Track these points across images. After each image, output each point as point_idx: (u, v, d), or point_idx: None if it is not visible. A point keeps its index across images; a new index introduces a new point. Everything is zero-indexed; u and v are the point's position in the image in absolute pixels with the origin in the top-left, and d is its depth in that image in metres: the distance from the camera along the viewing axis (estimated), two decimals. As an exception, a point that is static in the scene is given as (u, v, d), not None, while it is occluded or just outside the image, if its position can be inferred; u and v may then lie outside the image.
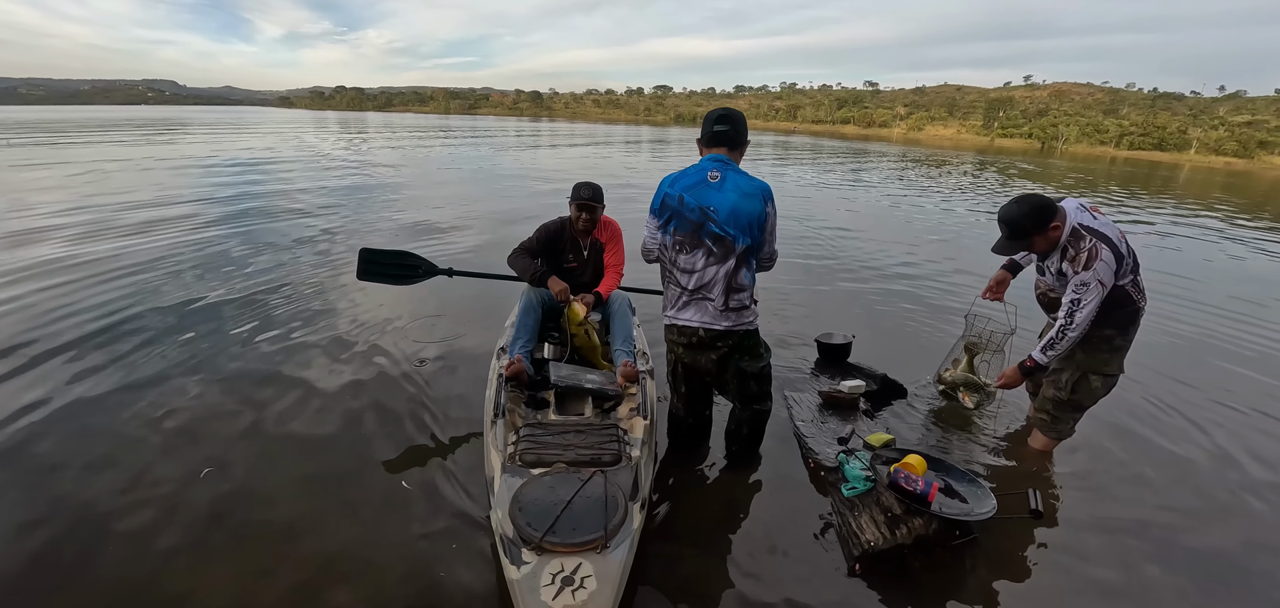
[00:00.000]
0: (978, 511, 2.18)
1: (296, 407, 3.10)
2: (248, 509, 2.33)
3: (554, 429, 2.27)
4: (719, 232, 2.31)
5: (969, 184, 16.73)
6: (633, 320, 3.16)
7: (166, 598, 1.94)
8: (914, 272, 6.49)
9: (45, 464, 2.56)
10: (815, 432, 2.91)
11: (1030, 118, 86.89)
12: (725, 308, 2.39)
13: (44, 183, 10.67)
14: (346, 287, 5.01)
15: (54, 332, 3.90)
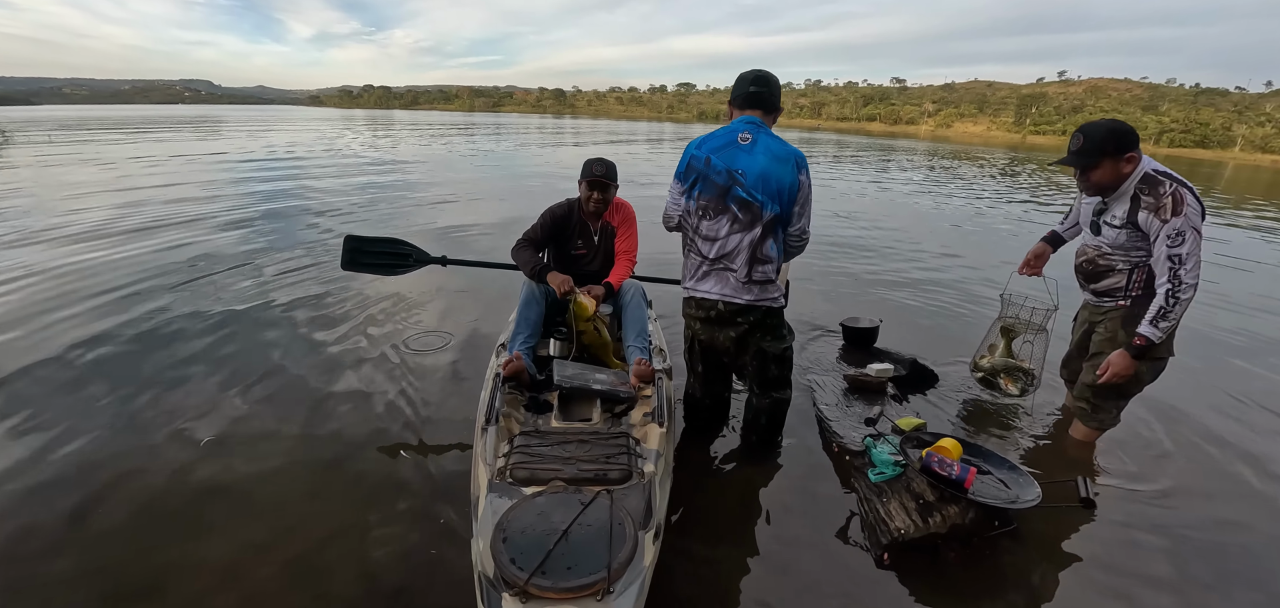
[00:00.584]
0: (1023, 498, 2.00)
1: (261, 405, 2.84)
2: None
3: (552, 439, 1.92)
4: (746, 196, 2.15)
5: (1005, 182, 16.19)
6: (648, 313, 2.79)
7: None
8: (945, 262, 6.23)
9: (50, 427, 2.54)
10: (840, 415, 2.74)
11: (1064, 114, 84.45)
12: (748, 280, 2.23)
13: (97, 174, 10.91)
14: (342, 279, 4.95)
15: (81, 302, 3.92)
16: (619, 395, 2.28)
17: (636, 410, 2.22)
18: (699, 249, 2.29)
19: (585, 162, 2.80)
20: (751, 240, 2.19)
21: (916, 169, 17.93)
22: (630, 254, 2.88)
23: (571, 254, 2.88)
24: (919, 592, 1.86)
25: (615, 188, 2.82)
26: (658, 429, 2.00)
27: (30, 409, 2.69)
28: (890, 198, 11.28)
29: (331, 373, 3.17)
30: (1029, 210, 10.39)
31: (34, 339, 3.39)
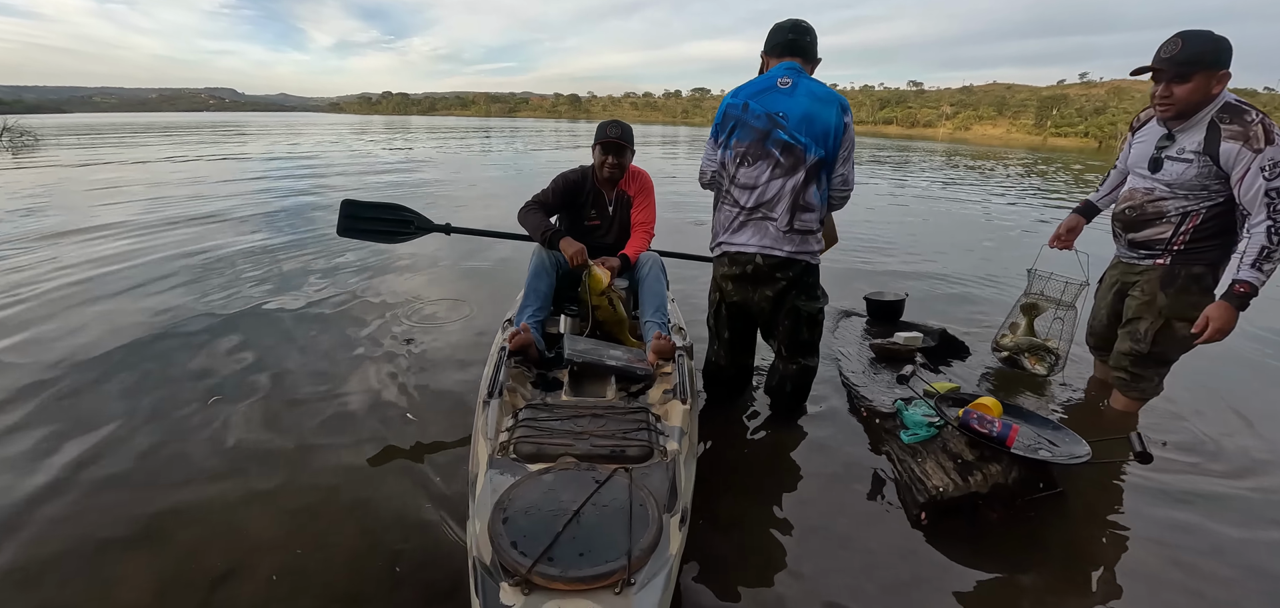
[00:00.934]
0: (1072, 454, 1.86)
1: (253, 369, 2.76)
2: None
3: (563, 412, 1.70)
4: (788, 139, 2.04)
5: (1032, 181, 15.87)
6: (667, 288, 2.54)
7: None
8: (966, 255, 6.04)
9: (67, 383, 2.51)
10: (867, 382, 2.61)
11: (1086, 116, 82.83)
12: (789, 229, 2.11)
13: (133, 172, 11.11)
14: (344, 257, 4.91)
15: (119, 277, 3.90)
16: (636, 373, 2.04)
17: (655, 389, 1.99)
18: (735, 198, 2.17)
19: (599, 125, 2.61)
20: (794, 186, 2.07)
21: (935, 170, 17.64)
22: (648, 226, 2.66)
23: (584, 225, 2.65)
24: (958, 553, 1.73)
25: (632, 153, 2.61)
26: (680, 406, 1.77)
27: (54, 401, 2.66)
28: (908, 194, 11.07)
29: (326, 355, 2.97)
30: (1048, 209, 10.12)
31: (61, 330, 3.30)
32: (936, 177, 14.38)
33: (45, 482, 1.93)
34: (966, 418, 1.91)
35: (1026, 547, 1.78)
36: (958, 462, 1.88)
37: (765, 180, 2.10)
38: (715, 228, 2.29)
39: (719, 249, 2.27)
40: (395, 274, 4.37)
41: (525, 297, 2.36)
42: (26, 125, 21.88)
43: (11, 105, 40.64)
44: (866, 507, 1.96)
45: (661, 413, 1.79)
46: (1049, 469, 1.91)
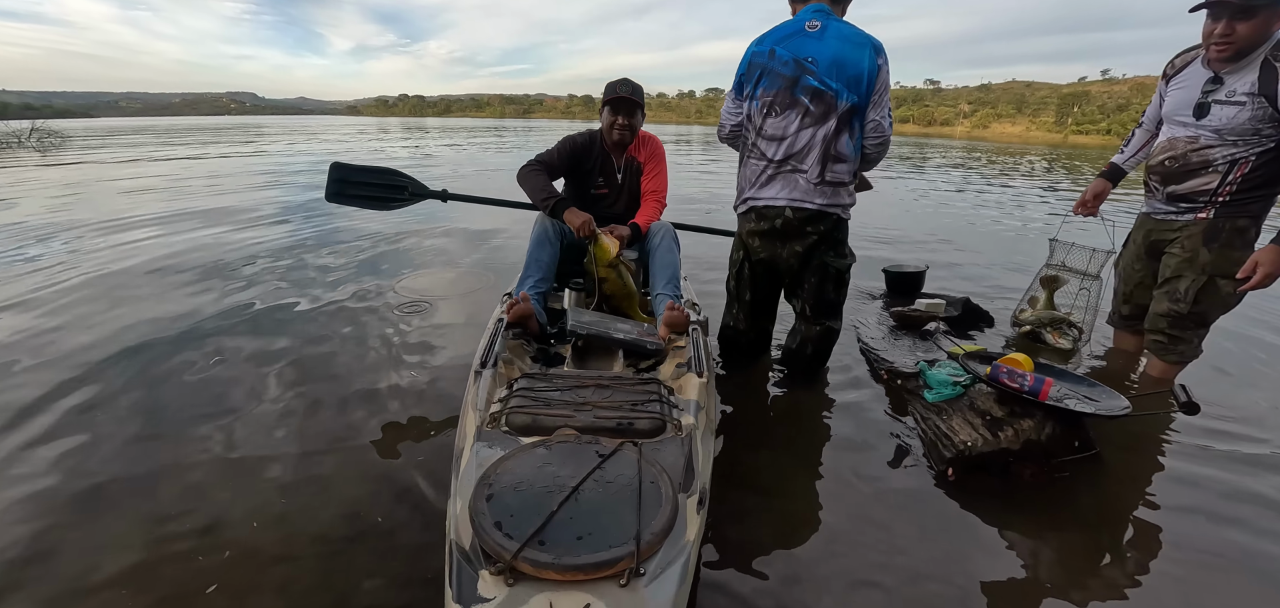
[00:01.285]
0: (1112, 406, 1.75)
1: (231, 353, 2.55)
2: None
3: (564, 383, 1.50)
4: (819, 85, 1.94)
5: (1056, 176, 15.56)
6: (679, 259, 2.34)
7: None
8: (985, 247, 5.88)
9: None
10: (887, 346, 2.52)
11: (1108, 113, 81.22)
12: (821, 180, 2.01)
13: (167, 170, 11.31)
14: (344, 229, 4.88)
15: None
16: (646, 347, 1.85)
17: (667, 364, 1.79)
18: (762, 152, 2.07)
19: (608, 82, 2.37)
20: (825, 135, 1.97)
21: (955, 166, 17.39)
22: (659, 194, 2.47)
23: (591, 193, 2.46)
24: (988, 510, 1.63)
25: (643, 115, 2.42)
26: (696, 379, 1.56)
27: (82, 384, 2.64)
28: (926, 187, 10.87)
29: (326, 334, 2.77)
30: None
31: (89, 321, 3.26)
32: (961, 173, 14.13)
33: (51, 424, 1.91)
34: (996, 372, 1.82)
35: (1062, 504, 1.68)
36: (986, 419, 1.79)
37: (795, 130, 2.00)
38: (740, 184, 2.20)
39: (745, 205, 2.17)
40: (405, 258, 4.30)
41: (526, 267, 2.19)
42: (56, 128, 22.44)
43: (41, 110, 41.72)
44: (892, 465, 1.86)
45: (675, 387, 1.59)
46: (1085, 427, 1.80)
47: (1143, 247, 2.36)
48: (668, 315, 1.89)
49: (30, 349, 2.53)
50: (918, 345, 2.50)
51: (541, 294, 2.13)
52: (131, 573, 1.37)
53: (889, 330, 2.71)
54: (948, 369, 2.05)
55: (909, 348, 2.48)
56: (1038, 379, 1.76)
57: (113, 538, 1.48)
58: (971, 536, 1.56)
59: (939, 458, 1.78)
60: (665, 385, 1.52)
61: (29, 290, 3.29)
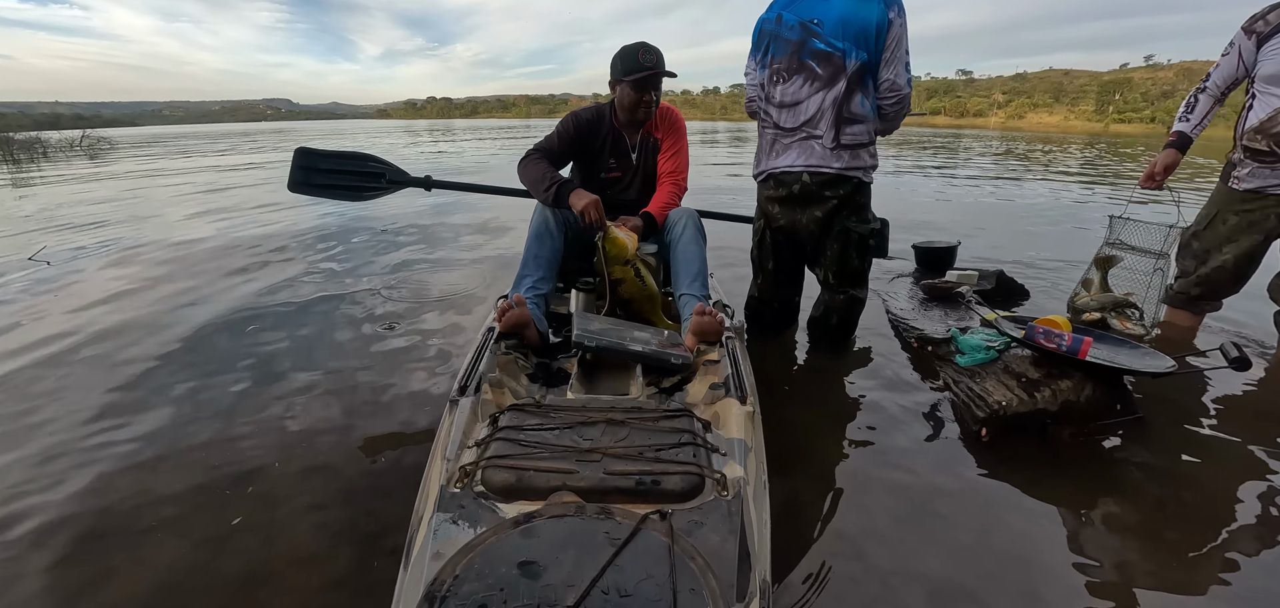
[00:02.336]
0: (1155, 365, 1.68)
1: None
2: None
3: (563, 418, 1.11)
4: (825, 47, 1.91)
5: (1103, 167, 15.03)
6: (705, 252, 1.92)
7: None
8: (1031, 239, 5.68)
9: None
10: (917, 316, 2.45)
11: (1152, 101, 78.17)
12: (836, 144, 1.97)
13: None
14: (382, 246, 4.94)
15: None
16: (670, 362, 1.47)
17: (697, 384, 1.40)
18: (774, 120, 2.07)
19: (622, 49, 1.93)
20: (835, 98, 1.93)
21: (989, 157, 16.93)
22: (678, 175, 2.08)
23: (602, 178, 2.11)
24: (1024, 471, 1.57)
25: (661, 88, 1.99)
26: (739, 408, 1.17)
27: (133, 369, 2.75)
28: (958, 176, 10.60)
29: (324, 341, 2.45)
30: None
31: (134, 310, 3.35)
32: (1001, 166, 13.75)
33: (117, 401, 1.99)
34: (1031, 333, 1.76)
35: (1102, 468, 1.60)
36: (1022, 380, 1.73)
37: (805, 97, 1.97)
38: (758, 152, 2.18)
39: (763, 173, 2.16)
40: (423, 262, 4.07)
41: (523, 263, 1.83)
42: (104, 135, 23.50)
43: (91, 120, 43.78)
44: (924, 427, 1.80)
45: (710, 417, 1.21)
46: (1127, 390, 1.73)
47: (1251, 224, 2.16)
48: (696, 322, 1.52)
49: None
50: (949, 314, 2.44)
51: (542, 297, 1.78)
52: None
53: (919, 303, 2.64)
54: (981, 335, 1.99)
55: (940, 317, 2.42)
56: (1076, 339, 1.69)
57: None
58: (1007, 499, 1.50)
59: (972, 419, 1.73)
60: (698, 418, 1.13)
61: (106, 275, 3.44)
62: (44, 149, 15.55)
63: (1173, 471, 1.60)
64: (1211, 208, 2.28)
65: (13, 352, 2.36)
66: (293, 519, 1.41)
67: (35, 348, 2.39)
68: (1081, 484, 1.53)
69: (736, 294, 2.60)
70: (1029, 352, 1.80)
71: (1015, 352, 1.85)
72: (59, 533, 1.36)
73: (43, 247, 4.13)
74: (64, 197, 7.01)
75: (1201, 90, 2.21)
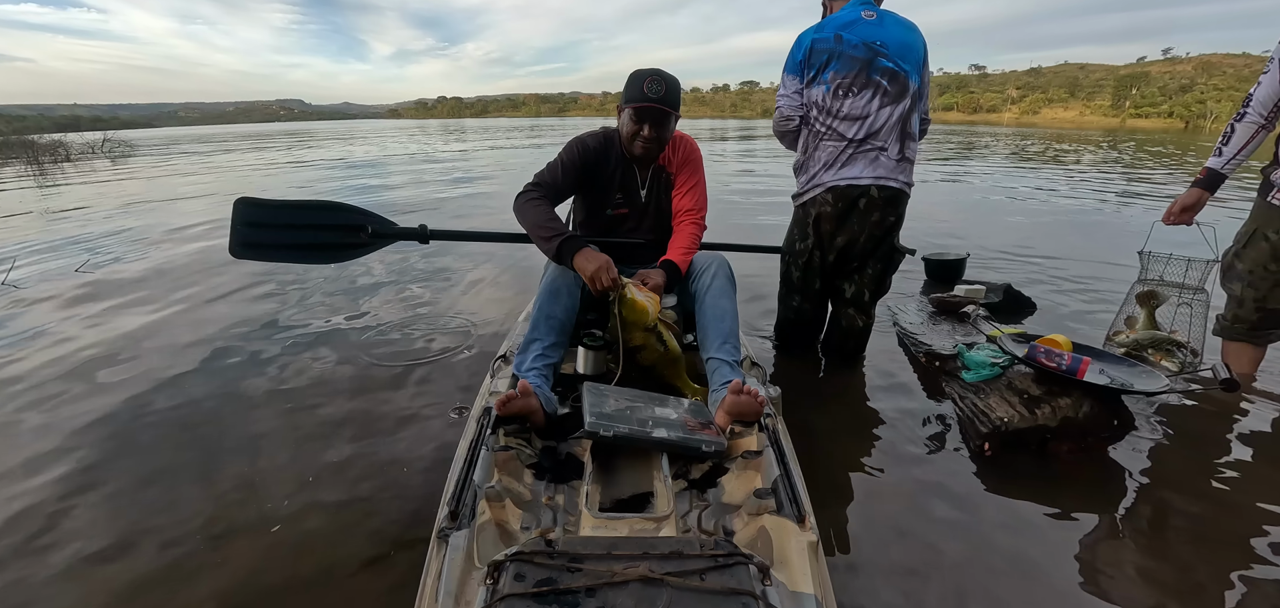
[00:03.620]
0: (1150, 385, 1.78)
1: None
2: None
3: (582, 570, 0.84)
4: (893, 66, 2.04)
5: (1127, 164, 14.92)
6: (736, 305, 1.70)
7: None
8: (1052, 244, 5.73)
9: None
10: (926, 331, 2.56)
11: (1170, 95, 77.00)
12: (901, 157, 2.10)
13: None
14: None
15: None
16: (701, 450, 1.27)
17: (735, 479, 1.21)
18: (838, 132, 2.08)
19: (632, 74, 1.73)
20: (902, 114, 2.07)
21: (1005, 155, 16.83)
22: (698, 213, 1.90)
23: (608, 215, 1.92)
24: (1024, 486, 1.69)
25: (676, 119, 1.79)
26: (797, 533, 0.96)
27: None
28: (967, 175, 10.61)
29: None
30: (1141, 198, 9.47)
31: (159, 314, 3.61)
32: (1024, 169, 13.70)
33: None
34: (1033, 352, 1.87)
35: (1100, 480, 1.72)
36: (1024, 397, 1.84)
37: (875, 109, 2.05)
38: (808, 166, 2.17)
39: (817, 187, 2.14)
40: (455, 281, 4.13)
41: (532, 325, 1.59)
42: (123, 138, 24.03)
43: (109, 122, 44.57)
44: (931, 442, 1.92)
45: (756, 535, 1.02)
46: (1125, 406, 1.84)
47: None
48: (731, 402, 1.33)
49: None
50: (956, 330, 2.55)
51: (551, 365, 1.55)
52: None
53: (928, 316, 2.75)
54: (986, 351, 2.10)
55: (948, 332, 2.52)
56: (1075, 358, 1.80)
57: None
58: (1008, 512, 1.61)
59: (975, 434, 1.84)
60: (756, 563, 0.86)
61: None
62: (67, 153, 15.95)
63: (1168, 486, 1.70)
64: (1251, 224, 2.13)
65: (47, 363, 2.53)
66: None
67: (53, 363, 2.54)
68: (1080, 499, 1.64)
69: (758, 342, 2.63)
70: (1031, 369, 1.91)
71: (1018, 368, 1.96)
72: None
73: (86, 260, 4.33)
74: (92, 197, 7.24)
75: (1240, 118, 2.00)
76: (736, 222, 5.61)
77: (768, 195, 7.53)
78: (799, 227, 2.27)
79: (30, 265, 4.18)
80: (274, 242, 1.94)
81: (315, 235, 1.99)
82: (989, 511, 1.61)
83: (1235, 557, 1.44)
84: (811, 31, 2.11)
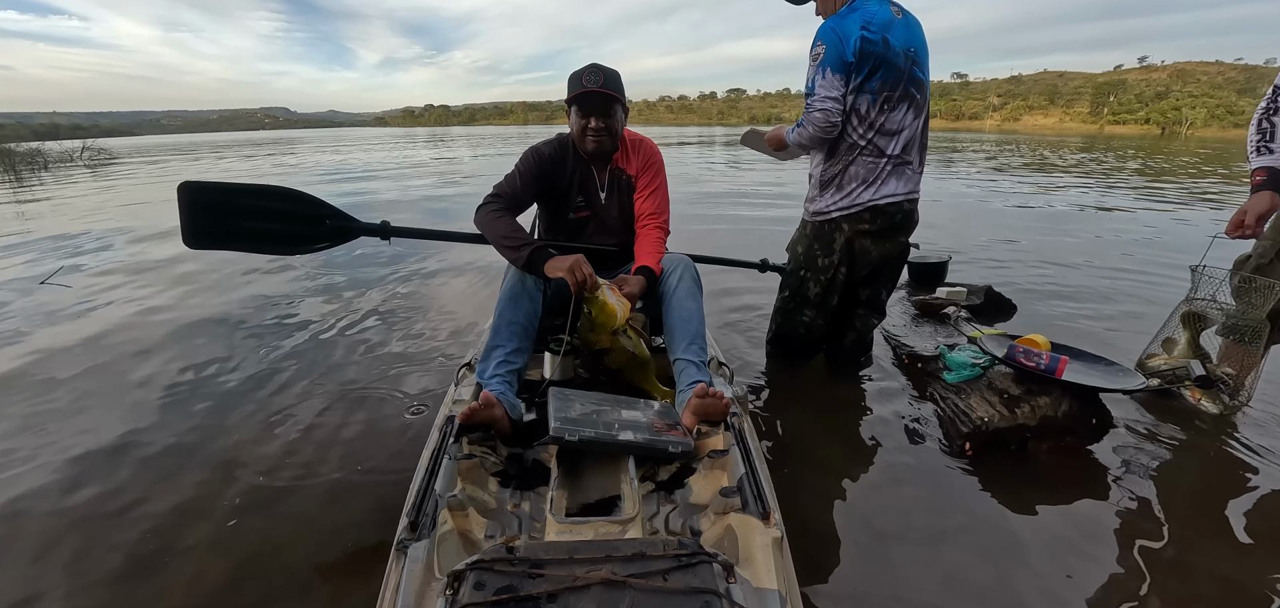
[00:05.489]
0: (1126, 383, 1.79)
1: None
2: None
3: (545, 575, 0.82)
4: (922, 75, 1.99)
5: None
6: (702, 307, 1.69)
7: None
8: (1050, 254, 5.77)
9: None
10: (909, 333, 2.56)
11: (1147, 102, 78.72)
12: (920, 167, 2.09)
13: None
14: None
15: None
16: (667, 451, 1.25)
17: (702, 479, 1.20)
18: (879, 147, 1.96)
19: (572, 74, 1.74)
20: (923, 122, 2.04)
21: (991, 161, 17.07)
22: (661, 216, 1.87)
23: (570, 218, 1.89)
24: (1004, 484, 1.68)
25: (624, 111, 1.80)
26: (761, 530, 0.96)
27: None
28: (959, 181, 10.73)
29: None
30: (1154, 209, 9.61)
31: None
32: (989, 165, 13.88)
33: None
34: (1012, 352, 1.87)
35: (1078, 477, 1.72)
36: (1003, 396, 1.83)
37: (909, 121, 1.98)
38: (843, 183, 2.03)
39: (857, 207, 2.03)
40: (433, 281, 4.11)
41: (494, 331, 1.56)
42: (104, 146, 23.69)
43: (89, 129, 43.97)
44: (914, 443, 1.91)
45: (723, 533, 1.01)
46: (1103, 405, 1.84)
47: None
48: (697, 404, 1.34)
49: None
50: (939, 331, 2.55)
51: (515, 371, 1.53)
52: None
53: (911, 319, 2.75)
54: (968, 352, 2.10)
55: (930, 334, 2.53)
56: (1053, 358, 1.80)
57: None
58: (988, 511, 1.60)
59: (956, 434, 1.83)
60: (720, 561, 0.85)
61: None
62: (45, 161, 15.67)
63: (1147, 484, 1.70)
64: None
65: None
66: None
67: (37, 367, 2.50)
68: (1059, 497, 1.64)
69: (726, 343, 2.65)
70: (1011, 369, 1.91)
71: (999, 369, 1.96)
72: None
73: (59, 267, 4.23)
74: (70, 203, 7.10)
75: (1272, 112, 1.83)
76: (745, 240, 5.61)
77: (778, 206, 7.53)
78: (821, 243, 2.12)
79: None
80: (229, 229, 1.81)
81: (273, 223, 1.87)
82: (969, 509, 1.60)
83: (1212, 554, 1.44)
84: (854, 24, 1.84)
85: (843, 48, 1.85)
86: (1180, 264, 4.15)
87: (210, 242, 1.77)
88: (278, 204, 1.87)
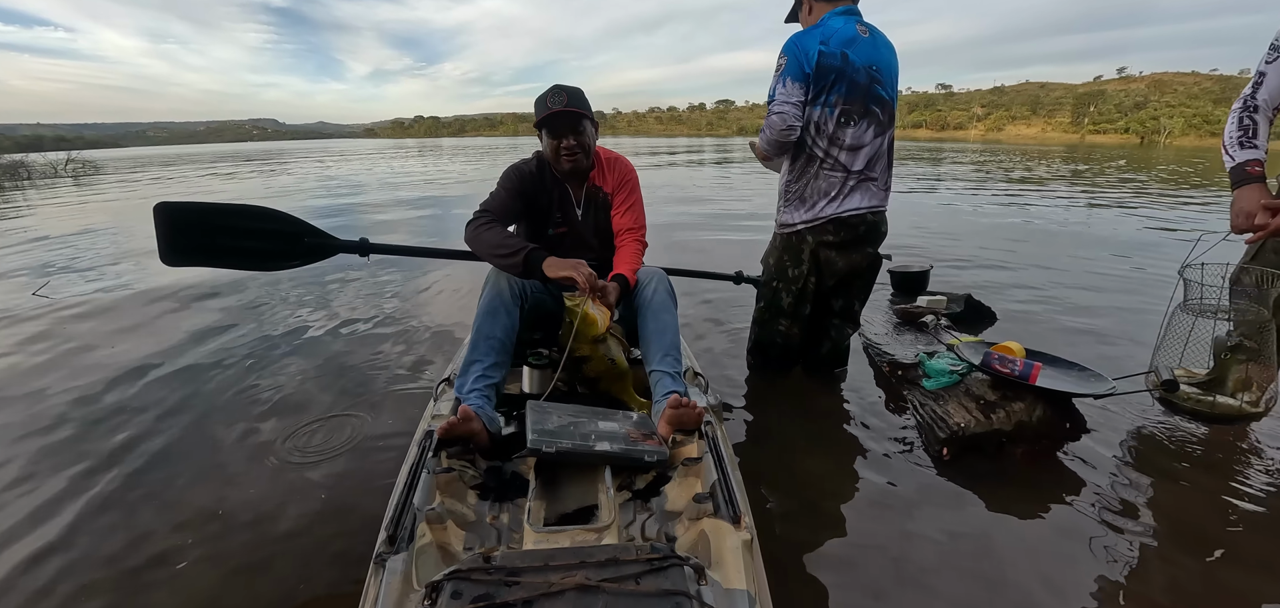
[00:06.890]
0: (1096, 387, 1.83)
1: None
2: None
3: (521, 583, 0.84)
4: (885, 94, 2.04)
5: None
6: (677, 318, 1.72)
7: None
8: (1029, 257, 5.87)
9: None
10: (889, 342, 2.60)
11: (1125, 111, 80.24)
12: (886, 185, 2.14)
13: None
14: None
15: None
16: (643, 460, 1.27)
17: (676, 487, 1.23)
18: (840, 163, 2.03)
19: (537, 98, 1.79)
20: (889, 141, 2.09)
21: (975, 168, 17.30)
22: (638, 231, 1.92)
23: (549, 234, 1.90)
24: (982, 487, 1.71)
25: (593, 129, 1.83)
26: (732, 534, 0.98)
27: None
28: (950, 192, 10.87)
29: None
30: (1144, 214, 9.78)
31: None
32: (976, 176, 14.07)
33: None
34: (988, 359, 1.91)
35: (1053, 479, 1.75)
36: (980, 402, 1.87)
37: (871, 139, 2.03)
38: (807, 197, 2.10)
39: (821, 219, 2.10)
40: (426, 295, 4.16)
41: (471, 346, 1.57)
42: (88, 158, 23.46)
43: (73, 141, 43.57)
44: (893, 449, 1.94)
45: (696, 539, 1.03)
46: (1076, 411, 1.88)
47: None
48: (671, 414, 1.36)
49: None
50: (919, 340, 2.59)
51: (493, 385, 1.54)
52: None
53: (893, 327, 2.79)
54: (946, 359, 2.14)
55: (911, 342, 2.56)
56: (1027, 364, 1.85)
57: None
58: (966, 514, 1.64)
59: (934, 439, 1.87)
60: (691, 564, 0.88)
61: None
62: (27, 173, 15.48)
63: (1120, 486, 1.74)
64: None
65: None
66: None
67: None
68: (1034, 498, 1.67)
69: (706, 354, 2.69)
70: (987, 376, 1.95)
71: (976, 375, 2.00)
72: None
73: (45, 281, 4.19)
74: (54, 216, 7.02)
75: (1253, 110, 1.69)
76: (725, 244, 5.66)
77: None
78: (790, 253, 2.20)
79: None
80: (206, 246, 1.79)
81: (249, 241, 1.85)
82: (946, 512, 1.64)
83: (1188, 552, 1.47)
84: (813, 38, 1.94)
85: (801, 57, 1.94)
86: (1158, 269, 4.25)
87: (187, 259, 1.75)
88: (253, 223, 1.86)
